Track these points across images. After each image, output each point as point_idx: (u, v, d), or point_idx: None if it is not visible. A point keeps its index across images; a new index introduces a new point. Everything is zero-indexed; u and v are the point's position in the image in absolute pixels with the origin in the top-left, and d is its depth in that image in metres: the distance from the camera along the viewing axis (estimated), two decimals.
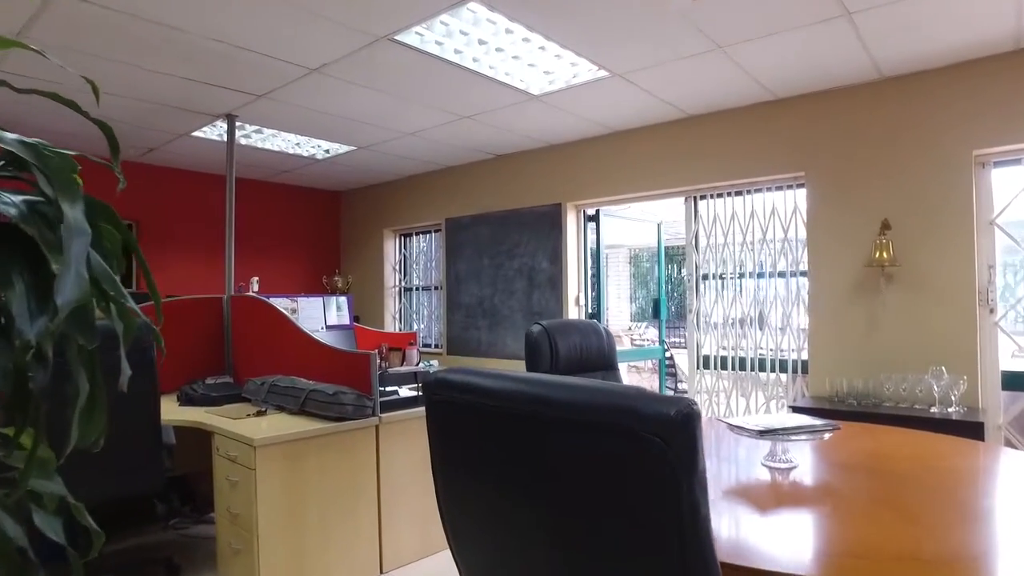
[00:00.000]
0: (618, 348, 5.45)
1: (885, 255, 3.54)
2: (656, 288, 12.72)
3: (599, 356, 2.84)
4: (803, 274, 4.11)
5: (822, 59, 3.38)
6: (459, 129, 4.69)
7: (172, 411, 3.07)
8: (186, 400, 3.28)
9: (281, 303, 4.15)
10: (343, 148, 5.25)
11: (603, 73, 3.60)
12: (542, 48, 3.29)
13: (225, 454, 2.63)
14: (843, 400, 3.63)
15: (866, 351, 3.69)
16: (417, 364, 4.99)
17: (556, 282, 5.26)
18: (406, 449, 2.98)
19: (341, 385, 2.92)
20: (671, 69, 3.53)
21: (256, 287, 4.44)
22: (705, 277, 4.59)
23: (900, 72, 3.55)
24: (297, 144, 5.14)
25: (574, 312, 5.21)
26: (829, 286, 3.86)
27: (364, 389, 2.88)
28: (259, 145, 5.11)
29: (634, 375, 8.33)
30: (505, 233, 5.62)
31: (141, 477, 2.45)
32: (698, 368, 4.57)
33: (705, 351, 4.59)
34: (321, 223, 7.15)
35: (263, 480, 2.47)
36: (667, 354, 5.93)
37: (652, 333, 11.95)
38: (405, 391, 3.29)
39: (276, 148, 5.22)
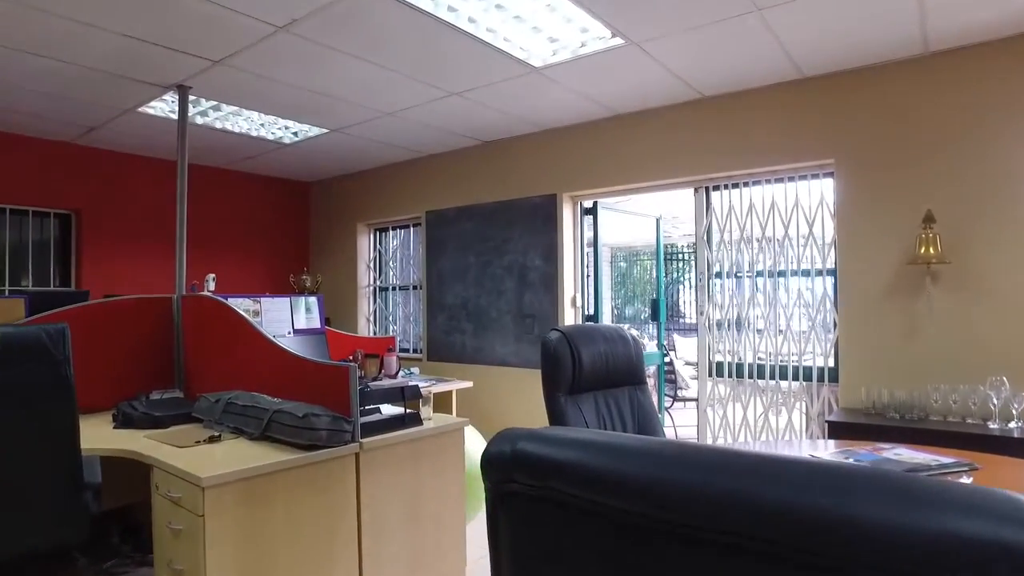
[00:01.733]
0: None
1: (932, 251, 3.15)
2: (636, 288, 12.38)
3: (627, 368, 2.37)
4: (830, 273, 3.72)
5: (867, 25, 2.97)
6: (446, 109, 4.19)
7: (104, 436, 2.50)
8: (123, 421, 2.71)
9: (241, 304, 3.59)
10: (313, 131, 4.69)
11: (617, 41, 3.14)
12: (550, 7, 2.82)
13: (166, 494, 2.09)
14: (882, 412, 3.24)
15: (907, 358, 3.31)
16: (397, 373, 4.47)
17: (550, 281, 4.79)
18: (392, 482, 2.47)
19: (313, 404, 2.39)
20: (695, 38, 3.09)
21: (212, 286, 3.88)
22: (718, 275, 4.17)
23: (950, 45, 3.17)
24: (261, 125, 4.57)
25: (570, 315, 4.75)
26: (863, 285, 3.47)
27: (341, 409, 2.36)
28: (217, 126, 4.53)
29: None
30: (493, 227, 5.13)
31: (55, 530, 1.89)
32: (710, 375, 4.15)
33: (717, 357, 4.17)
34: (288, 217, 6.55)
35: (214, 530, 1.94)
36: (666, 359, 5.53)
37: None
38: (389, 409, 2.77)
39: (237, 129, 4.64)
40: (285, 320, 3.76)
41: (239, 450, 2.25)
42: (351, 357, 4.43)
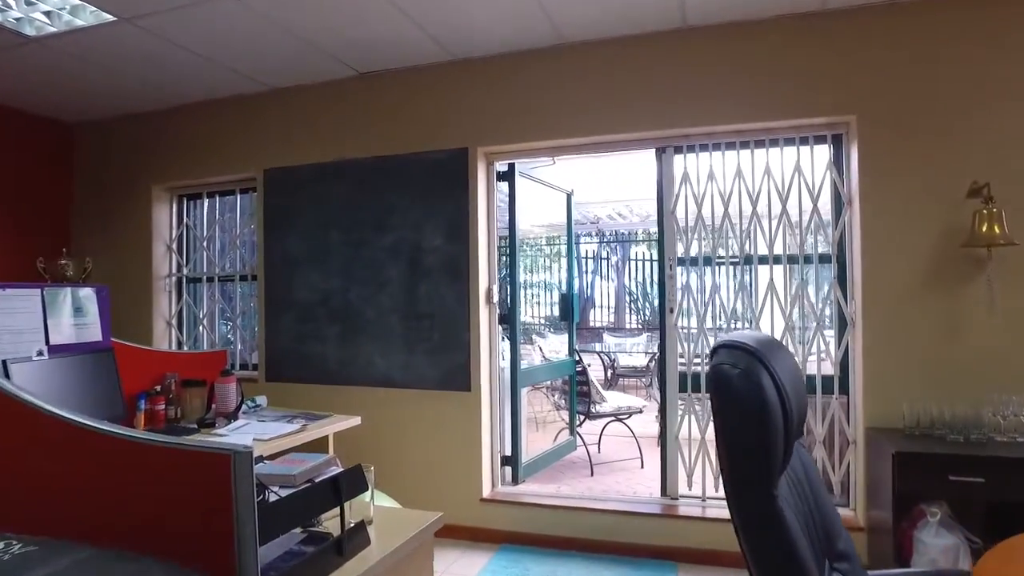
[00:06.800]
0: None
1: (996, 229, 2.52)
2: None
3: (802, 410, 1.27)
4: (839, 259, 3.00)
5: None
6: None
7: None
8: None
9: None
10: (87, 14, 2.86)
11: None
12: None
13: None
14: (931, 434, 2.55)
15: (958, 363, 2.66)
16: (238, 409, 2.87)
17: (456, 268, 3.51)
18: None
19: (131, 553, 0.91)
20: None
21: None
22: (694, 262, 3.26)
23: None
24: None
25: (484, 313, 3.52)
26: (894, 274, 2.77)
27: (209, 557, 0.92)
28: None
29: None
30: (372, 193, 3.70)
31: None
32: (684, 391, 3.21)
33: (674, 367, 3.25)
34: (34, 172, 4.35)
35: None
36: (578, 367, 4.56)
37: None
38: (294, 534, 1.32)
39: None
40: (32, 330, 2.01)
41: None
42: (158, 387, 2.73)
